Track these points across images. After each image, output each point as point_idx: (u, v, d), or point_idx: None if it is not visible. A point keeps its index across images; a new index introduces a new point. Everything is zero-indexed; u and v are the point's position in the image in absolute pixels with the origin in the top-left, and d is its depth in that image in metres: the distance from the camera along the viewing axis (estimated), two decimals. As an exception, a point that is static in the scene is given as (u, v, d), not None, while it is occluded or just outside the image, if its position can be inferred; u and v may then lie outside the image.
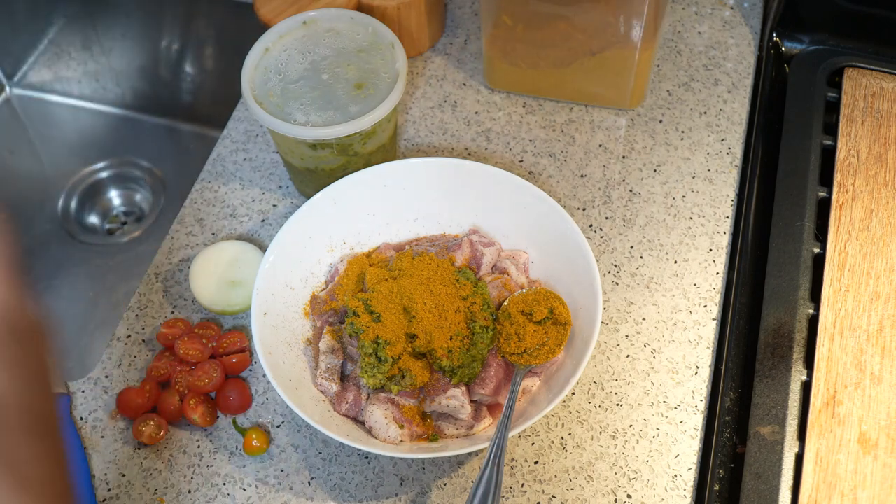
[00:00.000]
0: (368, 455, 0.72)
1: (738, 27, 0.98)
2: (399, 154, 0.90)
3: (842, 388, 0.72)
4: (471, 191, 0.78)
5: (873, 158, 0.85)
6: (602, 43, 0.85)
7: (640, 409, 0.74)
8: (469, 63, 0.97)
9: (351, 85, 0.78)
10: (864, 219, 0.81)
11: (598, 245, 0.83)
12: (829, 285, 0.77)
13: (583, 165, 0.88)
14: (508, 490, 0.71)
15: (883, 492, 0.67)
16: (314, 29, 0.82)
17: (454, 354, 0.70)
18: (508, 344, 0.71)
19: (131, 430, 0.73)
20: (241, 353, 0.76)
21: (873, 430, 0.70)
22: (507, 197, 0.77)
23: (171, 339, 0.77)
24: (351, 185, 0.77)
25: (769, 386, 0.74)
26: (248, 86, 0.78)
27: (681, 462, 0.71)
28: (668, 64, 0.96)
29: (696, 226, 0.84)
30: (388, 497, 0.70)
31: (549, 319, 0.72)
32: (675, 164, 0.88)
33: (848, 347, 0.74)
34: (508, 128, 0.91)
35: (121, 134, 1.22)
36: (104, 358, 0.78)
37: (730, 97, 0.93)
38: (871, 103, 0.89)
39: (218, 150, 0.91)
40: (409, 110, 0.93)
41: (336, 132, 0.75)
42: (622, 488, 0.70)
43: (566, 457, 0.72)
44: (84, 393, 0.76)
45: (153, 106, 1.22)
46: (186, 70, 1.20)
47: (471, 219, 0.80)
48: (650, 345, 0.77)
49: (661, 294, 0.80)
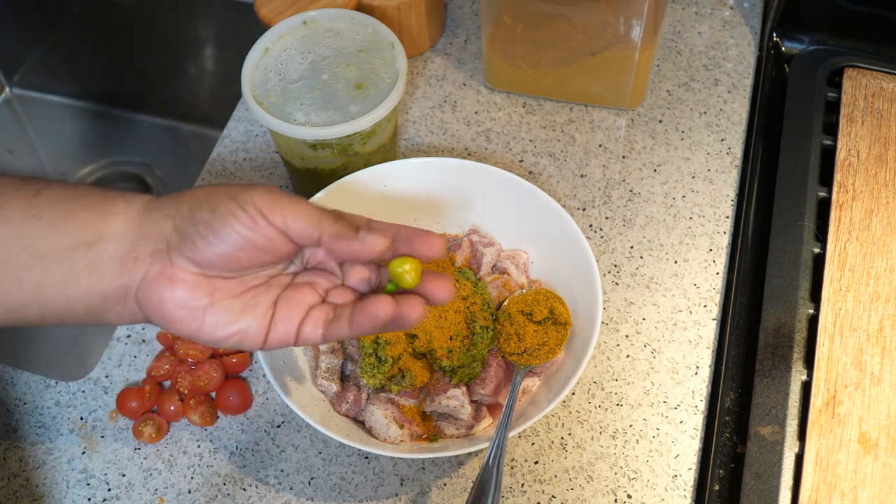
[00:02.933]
0: (368, 455, 0.72)
1: (738, 27, 0.98)
2: (399, 154, 0.90)
3: (842, 388, 0.72)
4: (471, 191, 0.78)
5: (873, 158, 0.85)
6: (602, 43, 0.85)
7: (640, 409, 0.74)
8: (469, 63, 0.97)
9: (351, 85, 0.78)
10: (864, 219, 0.81)
11: (598, 245, 0.83)
12: (829, 285, 0.77)
13: (583, 165, 0.88)
14: (508, 490, 0.71)
15: (883, 492, 0.67)
16: (314, 29, 0.82)
17: (454, 354, 0.70)
18: (508, 344, 0.71)
19: (131, 430, 0.73)
20: (241, 353, 0.76)
21: (873, 430, 0.70)
22: (507, 197, 0.77)
23: (171, 338, 0.77)
24: (351, 185, 0.77)
25: (769, 386, 0.74)
26: (248, 86, 0.78)
27: (681, 462, 0.71)
28: (668, 64, 0.96)
29: (696, 226, 0.84)
30: (388, 497, 0.71)
31: (549, 319, 0.72)
32: (675, 164, 0.88)
33: (848, 347, 0.74)
34: (508, 128, 0.91)
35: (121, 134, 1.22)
36: (104, 358, 0.78)
37: (730, 97, 0.93)
38: (871, 103, 0.89)
39: (218, 150, 0.91)
40: (409, 110, 0.93)
41: (336, 132, 0.75)
42: (622, 488, 0.70)
43: (566, 457, 0.72)
44: (84, 393, 0.76)
45: (153, 106, 1.22)
46: (186, 70, 1.20)
47: (471, 219, 0.80)
48: (650, 345, 0.77)
49: (661, 294, 0.80)
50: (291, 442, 0.73)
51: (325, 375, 0.71)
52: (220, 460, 0.73)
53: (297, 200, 0.53)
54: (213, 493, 0.71)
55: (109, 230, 0.52)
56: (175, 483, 0.71)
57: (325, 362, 0.72)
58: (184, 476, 0.72)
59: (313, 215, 0.52)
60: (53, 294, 0.52)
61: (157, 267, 0.52)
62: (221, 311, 0.53)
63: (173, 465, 0.72)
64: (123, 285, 0.53)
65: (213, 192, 0.52)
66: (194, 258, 0.52)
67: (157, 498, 0.71)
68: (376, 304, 0.52)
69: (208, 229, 0.51)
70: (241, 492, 0.71)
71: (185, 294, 0.52)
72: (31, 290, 0.52)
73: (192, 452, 0.73)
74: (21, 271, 0.52)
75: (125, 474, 0.72)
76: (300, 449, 0.73)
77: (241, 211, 0.51)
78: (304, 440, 0.73)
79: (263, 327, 0.54)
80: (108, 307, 0.53)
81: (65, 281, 0.52)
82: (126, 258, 0.52)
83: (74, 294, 0.52)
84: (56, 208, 0.52)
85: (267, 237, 0.52)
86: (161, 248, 0.52)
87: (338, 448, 0.73)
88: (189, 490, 0.71)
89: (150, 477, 0.72)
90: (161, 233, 0.52)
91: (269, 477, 0.72)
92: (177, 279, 0.52)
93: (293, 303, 0.55)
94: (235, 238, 0.51)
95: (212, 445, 0.73)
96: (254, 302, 0.54)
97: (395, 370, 0.70)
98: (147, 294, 0.52)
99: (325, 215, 0.53)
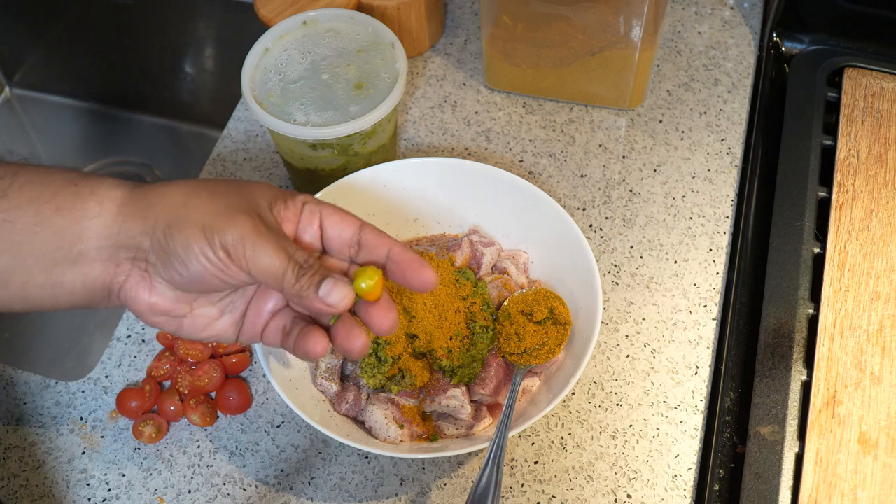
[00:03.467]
0: (368, 455, 0.72)
1: (738, 27, 0.98)
2: (399, 154, 0.90)
3: (842, 388, 0.72)
4: (471, 191, 0.78)
5: (873, 158, 0.85)
6: (602, 43, 0.85)
7: (640, 409, 0.74)
8: (469, 63, 0.97)
9: (351, 85, 0.78)
10: (864, 219, 0.81)
11: (598, 245, 0.83)
12: (829, 285, 0.77)
13: (583, 165, 0.88)
14: (508, 490, 0.71)
15: (883, 492, 0.67)
16: (314, 29, 0.82)
17: (454, 354, 0.70)
18: (508, 344, 0.71)
19: (131, 430, 0.73)
20: (241, 353, 0.76)
21: (873, 430, 0.70)
22: (507, 197, 0.77)
23: (171, 339, 0.77)
24: (351, 185, 0.77)
25: (769, 386, 0.74)
26: (248, 86, 0.78)
27: (681, 462, 0.71)
28: (668, 64, 0.96)
29: (696, 226, 0.84)
30: (388, 497, 0.71)
31: (549, 319, 0.72)
32: (675, 164, 0.88)
33: (848, 347, 0.74)
34: (508, 128, 0.91)
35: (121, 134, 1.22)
36: (104, 358, 0.78)
37: (730, 97, 0.93)
38: (871, 103, 0.89)
39: (218, 150, 0.91)
40: (409, 110, 0.93)
41: (336, 132, 0.75)
42: (622, 488, 0.70)
43: (566, 457, 0.72)
44: (84, 393, 0.76)
45: (153, 106, 1.22)
46: (186, 70, 1.20)
47: (471, 219, 0.80)
48: (650, 345, 0.77)
49: (661, 294, 0.80)
50: (291, 442, 0.73)
51: (325, 375, 0.71)
52: (220, 460, 0.73)
53: (265, 248, 0.52)
54: (213, 493, 0.71)
55: (87, 234, 0.54)
56: (175, 483, 0.71)
57: (325, 362, 0.72)
58: (184, 476, 0.72)
59: (278, 271, 0.53)
60: (39, 293, 0.54)
61: (137, 275, 0.54)
62: (199, 318, 0.57)
63: (173, 465, 0.72)
64: (107, 285, 0.55)
65: (187, 217, 0.53)
66: (171, 281, 0.54)
67: (156, 498, 0.71)
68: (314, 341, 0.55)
69: (181, 264, 0.53)
70: (241, 492, 0.71)
71: (164, 304, 0.55)
72: (17, 288, 0.54)
73: (192, 452, 0.73)
74: (4, 273, 0.53)
75: (125, 474, 0.72)
76: (300, 449, 0.73)
77: (210, 251, 0.52)
78: (304, 440, 0.73)
79: (236, 329, 0.59)
80: (95, 301, 0.56)
81: (49, 282, 0.54)
82: (108, 261, 0.54)
83: (60, 293, 0.54)
84: (27, 211, 0.53)
85: (236, 278, 0.54)
86: (140, 258, 0.54)
87: (338, 448, 0.73)
88: (189, 490, 0.71)
89: (150, 477, 0.72)
90: (139, 246, 0.54)
91: (269, 477, 0.72)
92: (156, 291, 0.55)
93: (258, 308, 0.58)
94: (205, 275, 0.53)
95: (212, 445, 0.73)
96: (230, 308, 0.58)
97: (395, 370, 0.70)
98: (128, 298, 0.55)
99: (291, 270, 0.53)
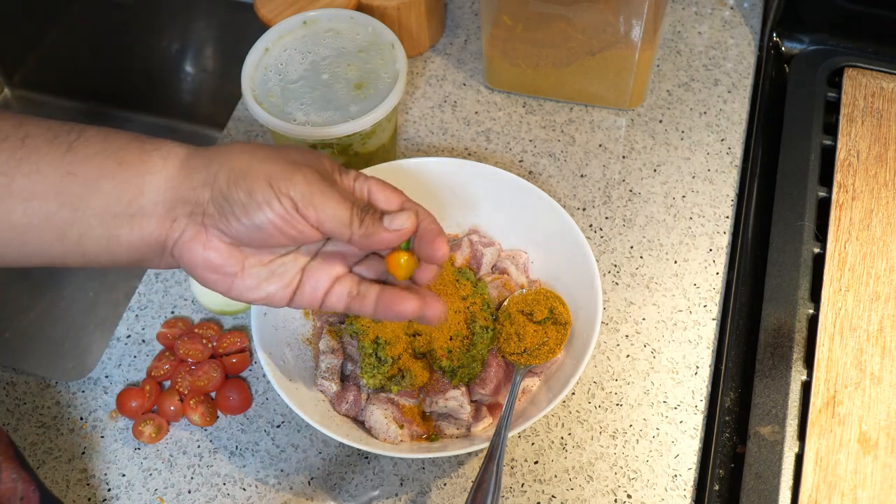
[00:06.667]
0: (368, 455, 0.72)
1: (738, 27, 0.98)
2: (399, 154, 0.90)
3: (842, 388, 0.72)
4: (471, 191, 0.78)
5: (873, 158, 0.85)
6: (602, 43, 0.85)
7: (640, 409, 0.74)
8: (469, 63, 0.97)
9: (351, 85, 0.78)
10: (864, 219, 0.81)
11: (598, 245, 0.83)
12: (829, 285, 0.77)
13: (583, 165, 0.88)
14: (508, 490, 0.71)
15: (883, 492, 0.67)
16: (314, 29, 0.82)
17: (454, 354, 0.70)
18: (508, 344, 0.71)
19: (131, 430, 0.73)
20: (241, 353, 0.76)
21: (873, 430, 0.70)
22: (507, 197, 0.77)
23: (171, 339, 0.77)
24: (351, 185, 0.77)
25: (769, 386, 0.74)
26: (248, 86, 0.78)
27: (681, 462, 0.71)
28: (668, 64, 0.96)
29: (696, 226, 0.84)
30: (388, 497, 0.71)
31: (549, 319, 0.72)
32: (675, 164, 0.88)
33: (848, 347, 0.74)
34: (508, 128, 0.91)
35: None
36: (104, 358, 0.78)
37: (730, 97, 0.93)
38: (871, 103, 0.89)
39: (218, 150, 0.91)
40: (409, 110, 0.93)
41: (336, 132, 0.75)
42: (622, 488, 0.70)
43: (566, 457, 0.72)
44: (84, 393, 0.76)
45: (153, 106, 1.22)
46: (186, 70, 1.20)
47: (471, 219, 0.80)
48: (650, 345, 0.77)
49: (661, 294, 0.80)
50: (291, 442, 0.73)
51: (325, 375, 0.71)
52: (220, 460, 0.73)
53: (331, 197, 0.54)
54: (213, 493, 0.71)
55: (148, 188, 0.54)
56: (175, 483, 0.71)
57: (324, 362, 0.72)
58: (184, 476, 0.72)
59: (345, 217, 0.54)
60: (95, 247, 0.54)
61: (193, 230, 0.54)
62: (250, 278, 0.56)
63: (173, 465, 0.72)
64: (161, 242, 0.55)
65: (251, 169, 0.53)
66: (228, 232, 0.54)
67: (156, 498, 0.71)
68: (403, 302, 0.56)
69: (243, 212, 0.53)
70: (241, 492, 0.71)
71: (217, 260, 0.55)
72: (74, 242, 0.54)
73: (192, 452, 0.73)
74: (63, 225, 0.53)
75: (125, 474, 0.72)
76: (300, 449, 0.73)
77: (276, 201, 0.52)
78: (304, 440, 0.73)
79: (289, 293, 0.58)
80: (149, 258, 0.56)
81: (106, 235, 0.54)
82: (164, 217, 0.54)
83: (116, 248, 0.54)
84: (90, 165, 0.53)
85: (299, 230, 0.54)
86: (197, 212, 0.54)
87: (338, 448, 0.73)
88: (189, 490, 0.71)
89: (149, 477, 0.72)
90: (198, 199, 0.54)
91: (269, 477, 0.72)
92: (210, 246, 0.55)
93: (320, 273, 0.58)
94: (268, 225, 0.53)
95: (212, 445, 0.73)
96: (281, 270, 0.57)
97: (395, 370, 0.70)
98: (182, 253, 0.55)
99: (356, 216, 0.54)
